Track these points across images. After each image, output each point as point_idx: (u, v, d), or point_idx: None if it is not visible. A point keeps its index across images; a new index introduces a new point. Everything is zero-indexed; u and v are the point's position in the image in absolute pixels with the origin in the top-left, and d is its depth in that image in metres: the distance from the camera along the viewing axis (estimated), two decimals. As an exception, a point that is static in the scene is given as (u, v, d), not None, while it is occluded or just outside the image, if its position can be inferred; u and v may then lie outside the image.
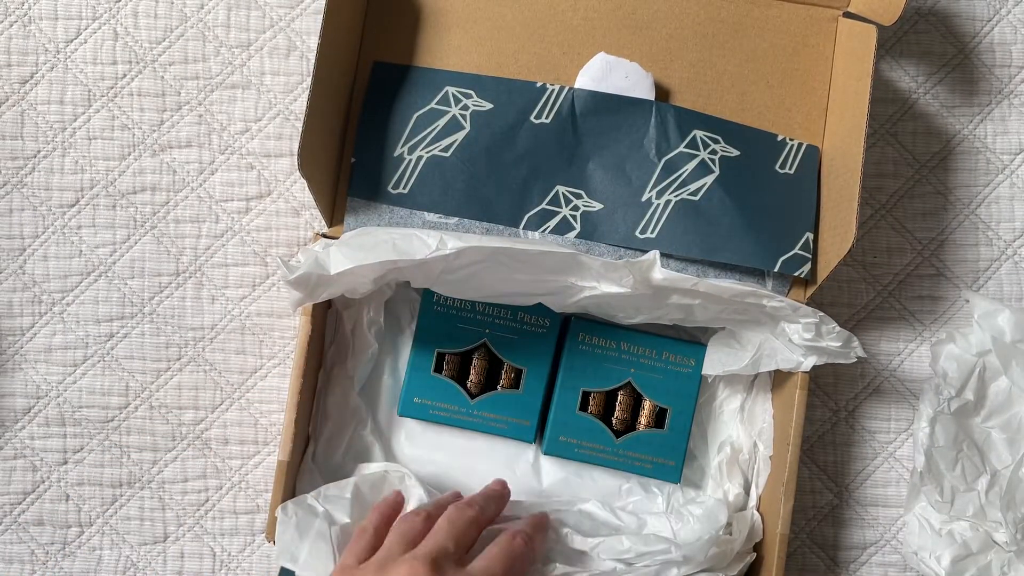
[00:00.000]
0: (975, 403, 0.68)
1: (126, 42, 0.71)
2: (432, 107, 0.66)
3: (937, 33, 0.72)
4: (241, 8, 0.71)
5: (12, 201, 0.70)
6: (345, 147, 0.66)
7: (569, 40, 0.68)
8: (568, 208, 0.65)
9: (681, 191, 0.65)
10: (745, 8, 0.68)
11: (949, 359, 0.68)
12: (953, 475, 0.67)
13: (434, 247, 0.58)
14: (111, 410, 0.69)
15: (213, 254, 0.70)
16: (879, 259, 0.71)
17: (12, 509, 0.69)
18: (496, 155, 0.65)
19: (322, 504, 0.61)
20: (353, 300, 0.66)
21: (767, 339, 0.64)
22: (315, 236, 0.65)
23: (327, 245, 0.60)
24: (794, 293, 0.66)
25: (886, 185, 0.72)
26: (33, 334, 0.69)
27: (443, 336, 0.66)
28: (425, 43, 0.67)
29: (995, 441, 0.68)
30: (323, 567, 0.59)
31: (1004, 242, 0.72)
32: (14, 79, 0.70)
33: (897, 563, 0.70)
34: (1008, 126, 0.72)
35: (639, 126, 0.66)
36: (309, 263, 0.59)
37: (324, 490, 0.62)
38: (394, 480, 0.63)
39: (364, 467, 0.65)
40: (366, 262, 0.58)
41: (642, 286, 0.61)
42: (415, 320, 0.67)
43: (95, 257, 0.70)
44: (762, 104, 0.68)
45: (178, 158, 0.70)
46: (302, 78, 0.71)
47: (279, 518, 0.60)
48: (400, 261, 0.58)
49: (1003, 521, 0.66)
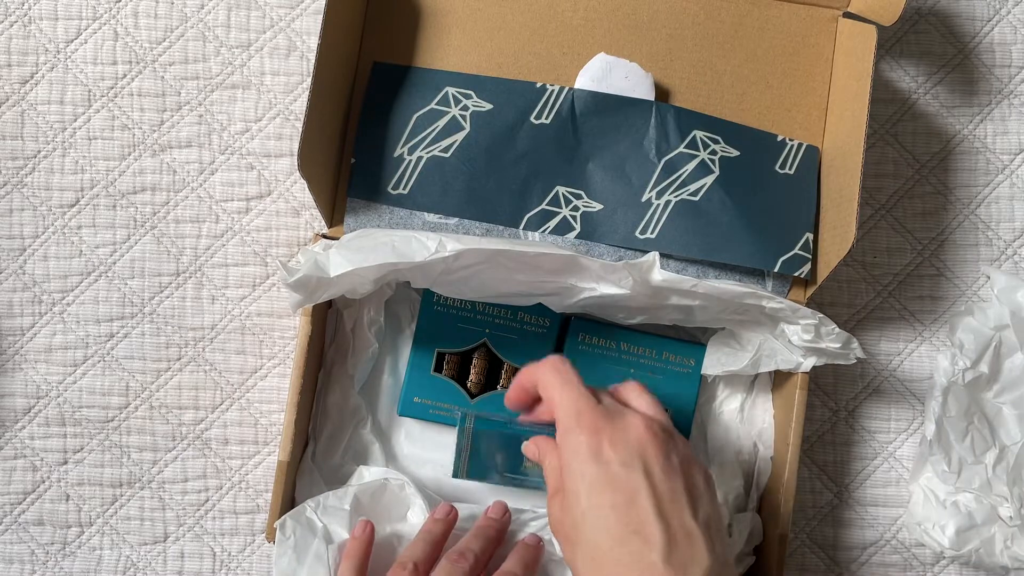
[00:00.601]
0: (989, 377, 0.68)
1: (126, 42, 0.71)
2: (432, 107, 0.66)
3: (937, 33, 0.72)
4: (241, 8, 0.71)
5: (12, 201, 0.70)
6: (345, 147, 0.66)
7: (569, 40, 0.68)
8: (568, 208, 0.65)
9: (681, 191, 0.65)
10: (745, 8, 0.68)
11: (966, 331, 0.68)
12: (962, 446, 0.67)
13: (433, 249, 0.58)
14: (111, 410, 0.69)
15: (213, 254, 0.70)
16: (879, 259, 0.71)
17: (12, 509, 0.69)
18: (496, 155, 0.65)
19: (320, 518, 0.60)
20: (353, 300, 0.66)
21: (766, 340, 0.64)
22: (315, 236, 0.65)
23: (327, 247, 0.60)
24: (794, 293, 0.66)
25: (886, 185, 0.72)
26: (33, 334, 0.69)
27: (443, 336, 0.66)
28: (425, 43, 0.67)
29: (1006, 416, 0.68)
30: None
31: (1004, 242, 0.72)
32: (14, 79, 0.70)
33: (897, 563, 0.70)
34: (1008, 126, 0.72)
35: (639, 126, 0.66)
36: (308, 265, 0.59)
37: (323, 499, 0.61)
38: (394, 488, 0.63)
39: (364, 471, 0.64)
40: (365, 264, 0.58)
41: (641, 287, 0.61)
42: (415, 320, 0.67)
43: (95, 257, 0.70)
44: (762, 104, 0.68)
45: (178, 158, 0.70)
46: (302, 78, 0.71)
47: (277, 537, 0.60)
48: (400, 263, 0.59)
49: (1008, 495, 0.66)
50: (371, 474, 0.64)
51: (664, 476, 0.52)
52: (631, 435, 0.53)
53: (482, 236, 0.65)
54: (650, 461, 0.52)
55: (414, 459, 0.67)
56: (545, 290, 0.62)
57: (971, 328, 0.68)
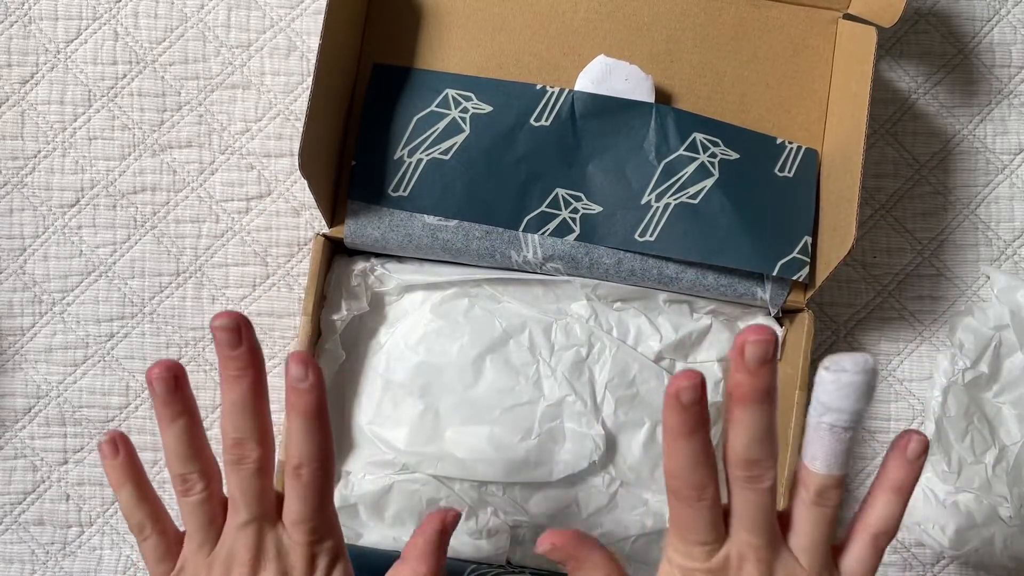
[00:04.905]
0: (989, 377, 0.68)
1: (126, 42, 0.71)
2: (432, 110, 0.66)
3: (937, 33, 0.72)
4: (241, 8, 0.71)
5: (12, 201, 0.70)
6: (346, 147, 0.66)
7: (570, 41, 0.68)
8: (568, 211, 0.65)
9: (680, 194, 0.65)
10: (745, 10, 0.68)
11: (967, 331, 0.68)
12: (962, 446, 0.67)
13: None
14: (111, 410, 0.69)
15: (213, 254, 0.70)
16: (879, 259, 0.71)
17: (12, 509, 0.69)
18: (496, 158, 0.65)
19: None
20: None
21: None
22: (315, 236, 0.65)
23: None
24: (794, 294, 0.66)
25: (886, 185, 0.72)
26: (33, 334, 0.70)
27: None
28: (426, 43, 0.67)
29: (1006, 416, 0.68)
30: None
31: (1004, 242, 0.72)
32: (14, 79, 0.70)
33: (897, 563, 0.70)
34: (1008, 126, 0.72)
35: (639, 129, 0.66)
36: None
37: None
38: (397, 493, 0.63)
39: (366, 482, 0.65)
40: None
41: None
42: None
43: (95, 257, 0.70)
44: (762, 106, 0.68)
45: (178, 158, 0.70)
46: (302, 78, 0.71)
47: None
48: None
49: (1008, 496, 0.66)
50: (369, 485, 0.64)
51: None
52: None
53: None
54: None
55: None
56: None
57: (971, 328, 0.68)
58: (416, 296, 0.66)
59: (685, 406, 0.45)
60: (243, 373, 0.48)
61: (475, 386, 0.64)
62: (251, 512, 0.49)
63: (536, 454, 0.64)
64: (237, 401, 0.48)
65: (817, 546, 0.47)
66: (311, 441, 0.48)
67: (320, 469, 0.48)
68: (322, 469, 0.48)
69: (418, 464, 0.63)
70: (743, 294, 0.66)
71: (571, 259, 0.65)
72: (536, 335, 0.65)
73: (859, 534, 0.48)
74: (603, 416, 0.65)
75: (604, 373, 0.65)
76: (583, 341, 0.65)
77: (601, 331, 0.65)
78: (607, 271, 0.65)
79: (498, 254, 0.65)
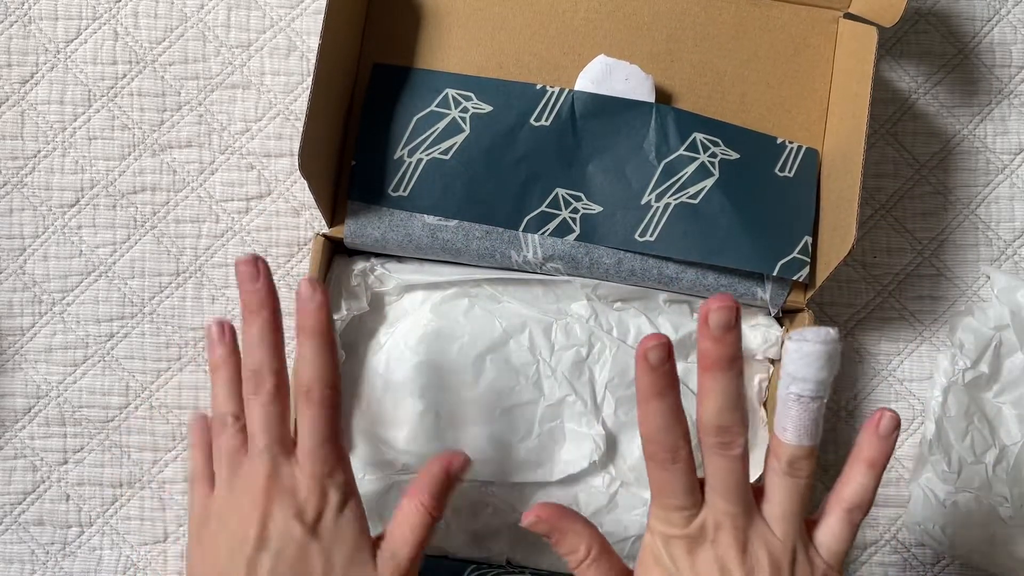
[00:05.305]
0: (989, 377, 0.68)
1: (126, 42, 0.71)
2: (432, 110, 0.66)
3: (937, 33, 0.72)
4: (241, 8, 0.71)
5: (12, 201, 0.70)
6: (346, 147, 0.66)
7: (570, 41, 0.68)
8: (568, 211, 0.65)
9: (680, 194, 0.65)
10: (746, 9, 0.68)
11: (967, 331, 0.68)
12: (962, 446, 0.67)
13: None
14: (111, 410, 0.69)
15: (213, 254, 0.70)
16: (879, 259, 0.71)
17: (12, 509, 0.69)
18: (496, 158, 0.65)
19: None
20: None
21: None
22: (315, 236, 0.65)
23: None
24: (794, 294, 0.66)
25: (886, 185, 0.72)
26: (33, 334, 0.70)
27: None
28: (426, 43, 0.67)
29: (1006, 416, 0.68)
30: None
31: (1004, 242, 0.72)
32: (14, 79, 0.70)
33: (897, 563, 0.70)
34: (1008, 126, 0.72)
35: (639, 128, 0.66)
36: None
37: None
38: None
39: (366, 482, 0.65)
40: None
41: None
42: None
43: (95, 257, 0.70)
44: (762, 105, 0.68)
45: (178, 158, 0.70)
46: (302, 78, 0.71)
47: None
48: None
49: (1008, 496, 0.66)
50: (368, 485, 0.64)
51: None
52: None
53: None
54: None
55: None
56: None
57: (971, 328, 0.68)
58: (416, 296, 0.66)
59: (654, 366, 0.47)
60: (260, 307, 0.53)
61: (475, 386, 0.64)
62: (266, 438, 0.52)
63: (536, 454, 0.64)
64: (256, 334, 0.53)
65: (789, 516, 0.49)
66: (320, 361, 0.52)
67: (328, 389, 0.52)
68: (331, 390, 0.52)
69: (418, 464, 0.63)
70: (743, 294, 0.66)
71: (571, 259, 0.65)
72: (536, 335, 0.65)
73: (833, 508, 0.50)
74: (603, 416, 0.65)
75: (604, 373, 0.65)
76: (583, 341, 0.65)
77: (601, 331, 0.65)
78: (607, 271, 0.65)
79: (498, 254, 0.65)
